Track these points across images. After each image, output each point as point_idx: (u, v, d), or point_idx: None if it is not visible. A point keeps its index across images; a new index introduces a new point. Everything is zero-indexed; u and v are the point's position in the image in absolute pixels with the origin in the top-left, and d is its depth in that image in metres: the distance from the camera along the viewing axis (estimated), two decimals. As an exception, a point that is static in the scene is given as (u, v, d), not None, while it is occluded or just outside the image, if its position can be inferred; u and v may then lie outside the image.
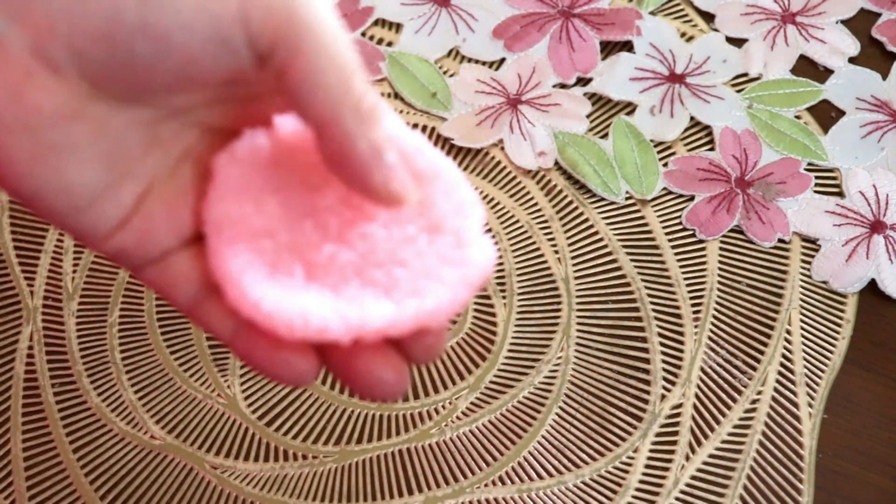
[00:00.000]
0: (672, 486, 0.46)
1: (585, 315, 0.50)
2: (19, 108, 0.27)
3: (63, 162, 0.28)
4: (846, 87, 0.56)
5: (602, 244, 0.52)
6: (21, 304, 0.49)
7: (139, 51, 0.27)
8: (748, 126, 0.55)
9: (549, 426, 0.47)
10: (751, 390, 0.48)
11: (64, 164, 0.28)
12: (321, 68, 0.27)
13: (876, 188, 0.53)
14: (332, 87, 0.28)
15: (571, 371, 0.48)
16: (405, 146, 0.30)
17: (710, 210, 0.52)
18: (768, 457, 0.46)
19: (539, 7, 0.58)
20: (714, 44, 0.57)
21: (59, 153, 0.27)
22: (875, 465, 0.46)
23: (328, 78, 0.27)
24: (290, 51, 0.27)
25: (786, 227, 0.52)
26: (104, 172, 0.28)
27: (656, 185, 0.53)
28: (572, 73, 0.56)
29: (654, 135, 0.54)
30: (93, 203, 0.29)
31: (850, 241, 0.51)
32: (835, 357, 0.49)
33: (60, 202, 0.28)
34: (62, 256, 0.50)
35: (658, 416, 0.47)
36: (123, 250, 0.30)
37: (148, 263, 0.30)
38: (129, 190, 0.29)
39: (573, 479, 0.46)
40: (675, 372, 0.48)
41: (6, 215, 0.51)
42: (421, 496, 0.45)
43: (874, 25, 0.58)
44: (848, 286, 0.51)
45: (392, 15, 0.58)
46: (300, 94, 0.28)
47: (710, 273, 0.51)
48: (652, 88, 0.56)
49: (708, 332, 0.49)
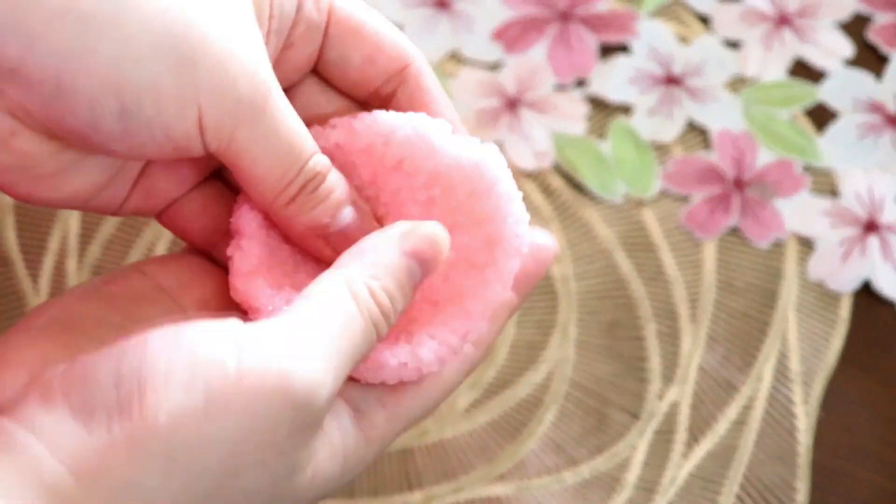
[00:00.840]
0: (669, 484, 0.46)
1: (584, 314, 0.50)
2: (10, 155, 0.28)
3: (60, 182, 0.30)
4: (841, 89, 0.57)
5: (600, 244, 0.52)
6: (26, 304, 0.49)
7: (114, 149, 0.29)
8: (744, 128, 0.55)
9: (547, 424, 0.47)
10: (747, 389, 0.48)
11: (61, 184, 0.30)
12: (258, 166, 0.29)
13: (871, 189, 0.53)
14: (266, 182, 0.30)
15: (570, 370, 0.49)
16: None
17: (707, 211, 0.53)
18: (764, 454, 0.47)
19: (538, 9, 0.59)
20: (710, 46, 0.58)
21: (55, 178, 0.29)
22: (870, 462, 0.47)
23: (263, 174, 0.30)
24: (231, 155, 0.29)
25: (781, 227, 0.52)
26: (98, 177, 0.30)
27: (654, 186, 0.54)
28: (571, 75, 0.57)
29: (652, 136, 0.55)
30: (98, 194, 0.31)
31: (845, 241, 0.52)
32: (830, 356, 0.49)
33: (70, 204, 0.30)
34: (66, 257, 0.51)
35: (655, 414, 0.48)
36: (135, 210, 0.32)
37: (161, 213, 0.33)
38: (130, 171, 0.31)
39: (572, 477, 0.46)
40: (672, 370, 0.49)
41: (11, 215, 0.52)
42: (420, 493, 0.46)
43: (869, 28, 0.58)
44: (843, 286, 0.51)
45: (392, 17, 0.59)
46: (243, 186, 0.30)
47: (707, 273, 0.51)
48: (649, 90, 0.56)
49: (705, 331, 0.50)
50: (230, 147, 0.29)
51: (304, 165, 0.30)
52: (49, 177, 0.29)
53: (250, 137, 0.29)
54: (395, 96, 0.33)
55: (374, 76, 0.33)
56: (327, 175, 0.31)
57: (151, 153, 0.29)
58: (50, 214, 0.51)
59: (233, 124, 0.29)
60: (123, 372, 0.25)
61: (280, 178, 0.30)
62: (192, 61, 0.27)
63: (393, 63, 0.33)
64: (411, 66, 0.33)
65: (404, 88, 0.33)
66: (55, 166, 0.29)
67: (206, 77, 0.28)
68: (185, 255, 0.33)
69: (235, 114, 0.29)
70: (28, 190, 0.29)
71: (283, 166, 0.30)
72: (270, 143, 0.29)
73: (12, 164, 0.29)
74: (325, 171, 0.30)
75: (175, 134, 0.28)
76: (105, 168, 0.30)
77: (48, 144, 0.29)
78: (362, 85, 0.33)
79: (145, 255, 0.51)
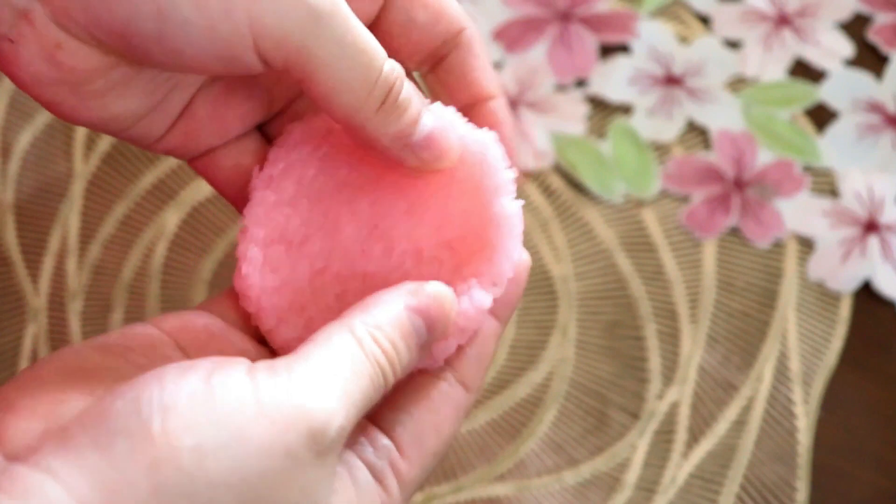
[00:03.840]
0: (669, 484, 0.46)
1: (584, 314, 0.50)
2: (56, 70, 0.28)
3: (106, 101, 0.30)
4: (841, 90, 0.57)
5: (600, 244, 0.52)
6: (26, 304, 0.50)
7: (154, 54, 0.28)
8: (744, 128, 0.55)
9: (547, 424, 0.48)
10: (747, 389, 0.48)
11: (107, 103, 0.30)
12: (339, 77, 0.28)
13: (870, 189, 0.53)
14: (351, 91, 0.29)
15: (570, 370, 0.49)
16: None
17: (707, 211, 0.53)
18: (764, 454, 0.47)
19: (538, 9, 0.59)
20: (710, 46, 0.58)
21: (100, 97, 0.30)
22: (870, 462, 0.47)
23: (347, 84, 0.29)
24: (305, 66, 0.28)
25: (781, 227, 0.53)
26: (145, 100, 0.30)
27: (654, 185, 0.54)
28: (571, 75, 0.57)
29: (652, 136, 0.55)
30: (140, 121, 0.31)
31: (845, 241, 0.52)
32: (830, 356, 0.49)
33: (110, 127, 0.31)
34: (66, 257, 0.51)
35: (655, 414, 0.48)
36: (171, 149, 0.32)
37: (195, 158, 0.33)
38: (175, 102, 0.31)
39: (572, 477, 0.46)
40: (672, 370, 0.49)
41: (11, 215, 0.52)
42: (420, 493, 0.46)
43: (869, 28, 0.58)
44: (843, 286, 0.51)
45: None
46: (321, 101, 0.29)
47: (707, 273, 0.51)
48: (649, 90, 0.56)
49: (705, 331, 0.50)
50: (301, 57, 0.28)
51: (381, 72, 0.29)
52: (94, 95, 0.29)
53: (325, 46, 0.28)
54: (446, 58, 0.34)
55: (435, 37, 0.33)
56: (405, 81, 0.30)
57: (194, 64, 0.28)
58: (50, 214, 0.51)
59: (300, 30, 0.28)
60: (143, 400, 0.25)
61: (363, 85, 0.29)
62: None
63: (452, 26, 0.33)
64: (466, 30, 0.34)
65: (457, 52, 0.34)
66: (101, 84, 0.29)
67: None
68: (202, 313, 0.33)
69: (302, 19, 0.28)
70: (73, 107, 0.29)
71: (364, 73, 0.29)
72: (348, 50, 0.28)
73: (59, 78, 0.28)
74: (402, 76, 0.30)
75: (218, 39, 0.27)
76: (150, 92, 0.30)
77: (95, 59, 0.28)
78: (423, 44, 0.33)
79: (145, 256, 0.51)
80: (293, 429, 0.25)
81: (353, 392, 0.27)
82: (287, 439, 0.25)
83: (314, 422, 0.26)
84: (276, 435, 0.25)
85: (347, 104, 0.29)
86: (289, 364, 0.27)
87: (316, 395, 0.26)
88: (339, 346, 0.27)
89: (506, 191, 0.31)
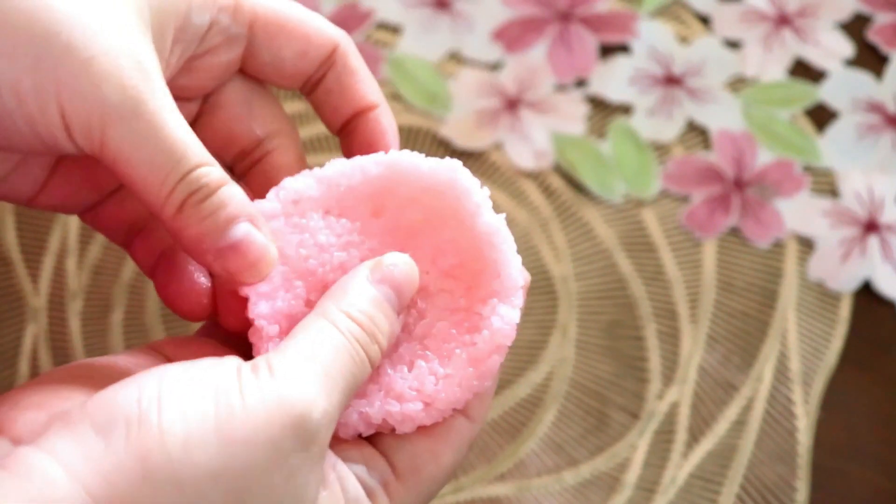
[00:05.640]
0: (669, 483, 0.46)
1: (584, 314, 0.50)
2: None
3: None
4: (841, 90, 0.57)
5: (600, 245, 0.52)
6: (26, 304, 0.50)
7: None
8: (744, 128, 0.55)
9: (547, 424, 0.48)
10: (747, 389, 0.48)
11: None
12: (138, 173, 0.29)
13: (870, 189, 0.53)
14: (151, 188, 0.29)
15: (570, 370, 0.49)
16: None
17: (707, 211, 0.53)
18: (764, 454, 0.47)
19: (538, 9, 0.59)
20: (710, 46, 0.58)
21: None
22: (870, 462, 0.47)
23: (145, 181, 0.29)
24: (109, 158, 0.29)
25: (781, 227, 0.53)
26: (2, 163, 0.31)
27: (654, 186, 0.54)
28: (571, 76, 0.57)
29: (652, 136, 0.55)
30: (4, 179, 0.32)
31: (845, 241, 0.52)
32: (830, 356, 0.49)
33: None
34: (66, 257, 0.51)
35: (655, 414, 0.48)
36: (53, 206, 0.33)
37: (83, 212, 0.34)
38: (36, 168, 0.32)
39: (572, 477, 0.46)
40: (672, 370, 0.49)
41: (11, 215, 0.52)
42: (421, 493, 0.46)
43: (869, 28, 0.58)
44: (843, 286, 0.51)
45: (392, 17, 0.59)
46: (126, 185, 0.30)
47: (707, 273, 0.51)
48: (649, 90, 0.56)
49: (705, 331, 0.50)
50: (104, 148, 0.29)
51: (187, 174, 0.30)
52: None
53: (123, 139, 0.29)
54: (323, 80, 0.34)
55: (307, 67, 0.34)
56: (219, 188, 0.30)
57: (23, 145, 0.30)
58: (50, 214, 0.51)
59: (101, 124, 0.29)
60: (144, 392, 0.27)
61: (161, 184, 0.29)
62: (53, 59, 0.28)
63: (322, 50, 0.34)
64: (338, 48, 0.34)
65: (333, 71, 0.34)
66: None
67: (67, 76, 0.28)
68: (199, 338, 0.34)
69: (102, 114, 0.29)
70: None
71: (163, 172, 0.29)
72: (146, 146, 0.29)
73: None
74: (215, 182, 0.30)
75: (39, 128, 0.29)
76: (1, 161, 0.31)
77: None
78: (297, 77, 0.34)
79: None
80: (277, 421, 0.27)
81: (334, 374, 0.28)
82: (271, 432, 0.27)
83: (295, 411, 0.27)
84: (261, 428, 0.27)
85: (147, 200, 0.30)
86: (269, 360, 0.28)
87: (295, 386, 0.27)
88: (315, 332, 0.29)
89: (484, 208, 0.32)
